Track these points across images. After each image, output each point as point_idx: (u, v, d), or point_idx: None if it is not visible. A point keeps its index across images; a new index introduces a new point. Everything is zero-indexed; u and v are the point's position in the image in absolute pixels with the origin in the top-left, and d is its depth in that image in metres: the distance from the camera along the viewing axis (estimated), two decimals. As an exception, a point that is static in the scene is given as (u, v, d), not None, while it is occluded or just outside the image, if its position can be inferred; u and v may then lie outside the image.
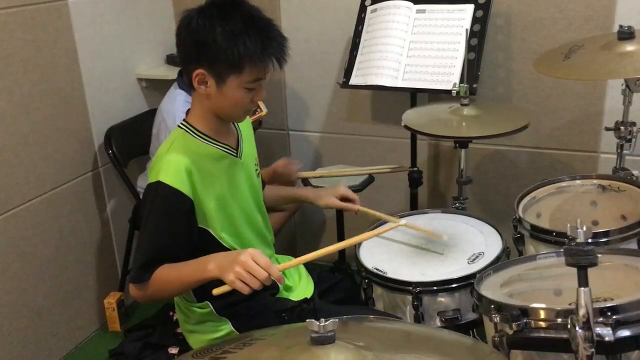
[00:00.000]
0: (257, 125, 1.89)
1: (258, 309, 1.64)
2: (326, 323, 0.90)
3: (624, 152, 2.03)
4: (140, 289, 1.49)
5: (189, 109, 1.62)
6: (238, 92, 1.49)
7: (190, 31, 1.47)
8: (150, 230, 1.49)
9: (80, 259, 2.53)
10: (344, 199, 1.91)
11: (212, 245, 1.55)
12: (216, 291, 1.39)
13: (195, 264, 1.43)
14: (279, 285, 1.71)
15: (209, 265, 1.39)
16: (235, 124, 1.68)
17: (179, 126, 1.58)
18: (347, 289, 1.91)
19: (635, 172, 2.00)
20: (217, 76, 1.47)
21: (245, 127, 1.73)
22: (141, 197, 2.38)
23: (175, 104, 2.21)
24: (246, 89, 1.49)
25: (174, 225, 1.49)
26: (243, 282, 1.33)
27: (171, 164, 1.49)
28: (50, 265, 2.39)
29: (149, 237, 1.50)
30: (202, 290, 1.61)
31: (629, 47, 1.78)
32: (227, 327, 1.64)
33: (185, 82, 2.24)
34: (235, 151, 1.62)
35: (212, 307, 1.63)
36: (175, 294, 1.54)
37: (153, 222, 1.49)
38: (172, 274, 1.46)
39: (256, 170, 1.73)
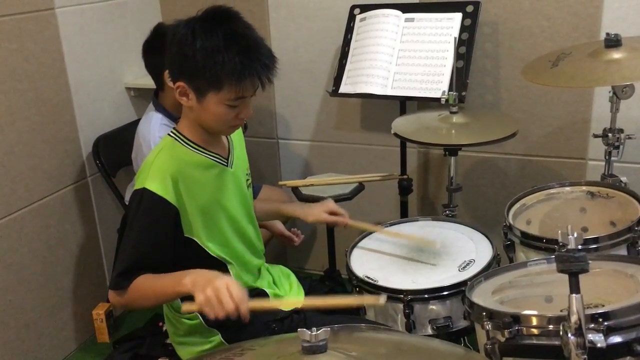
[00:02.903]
0: (243, 128, 1.87)
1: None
2: (318, 332, 0.90)
3: (612, 158, 2.04)
4: (119, 296, 1.48)
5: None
6: (219, 107, 1.47)
7: (174, 42, 1.46)
8: (132, 237, 1.48)
9: (68, 269, 2.51)
10: (332, 214, 1.89)
11: (199, 255, 1.54)
12: (185, 308, 1.38)
13: (173, 275, 1.43)
14: (269, 296, 1.70)
15: (185, 278, 1.38)
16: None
17: (168, 134, 1.57)
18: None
19: (623, 179, 2.01)
20: (196, 91, 1.46)
21: (237, 136, 1.72)
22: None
23: (151, 129, 2.17)
24: (228, 106, 1.47)
25: (157, 233, 1.48)
26: (211, 306, 1.31)
27: (157, 171, 1.48)
28: (37, 277, 2.36)
29: (131, 244, 1.48)
30: (191, 301, 1.60)
31: (616, 54, 1.79)
32: (216, 339, 1.63)
33: (160, 104, 2.24)
34: (225, 160, 1.61)
35: (201, 319, 1.61)
36: (151, 305, 1.52)
37: (136, 229, 1.47)
38: (149, 284, 1.45)
39: (247, 180, 1.72)
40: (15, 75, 2.22)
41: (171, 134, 1.57)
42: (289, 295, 1.77)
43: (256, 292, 1.68)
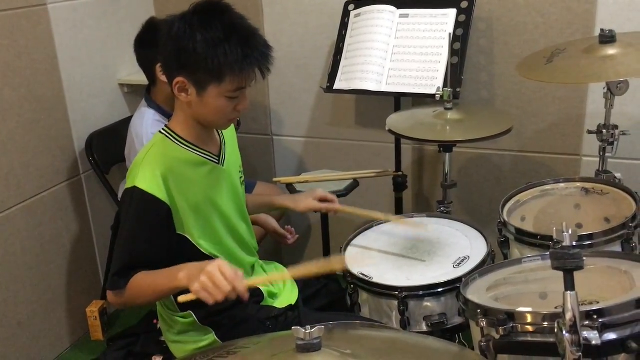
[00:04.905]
0: (236, 124, 1.87)
1: (242, 317, 1.63)
2: (312, 330, 0.89)
3: (607, 155, 2.04)
4: (117, 295, 1.48)
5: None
6: (219, 100, 1.47)
7: (171, 38, 1.45)
8: (126, 237, 1.48)
9: (61, 267, 2.50)
10: (322, 200, 1.89)
11: (191, 253, 1.54)
12: (181, 299, 1.38)
13: (168, 272, 1.43)
14: (263, 293, 1.70)
15: (180, 274, 1.38)
16: (219, 130, 1.66)
17: (159, 132, 1.57)
18: (333, 293, 1.90)
19: (617, 175, 2.02)
20: (197, 84, 1.46)
21: (229, 134, 1.71)
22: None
23: (144, 125, 2.16)
24: (228, 98, 1.47)
25: (150, 231, 1.47)
26: (208, 292, 1.31)
27: (147, 169, 1.47)
28: (31, 274, 2.35)
29: (125, 244, 1.48)
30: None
31: (611, 50, 1.79)
32: (210, 337, 1.62)
33: (153, 99, 2.23)
34: (217, 158, 1.61)
35: (195, 317, 1.61)
36: (150, 301, 1.53)
37: (129, 228, 1.47)
38: (146, 282, 1.45)
39: (240, 177, 1.71)
40: (7, 71, 2.20)
41: (162, 132, 1.56)
42: (283, 292, 1.76)
43: (250, 290, 1.68)
